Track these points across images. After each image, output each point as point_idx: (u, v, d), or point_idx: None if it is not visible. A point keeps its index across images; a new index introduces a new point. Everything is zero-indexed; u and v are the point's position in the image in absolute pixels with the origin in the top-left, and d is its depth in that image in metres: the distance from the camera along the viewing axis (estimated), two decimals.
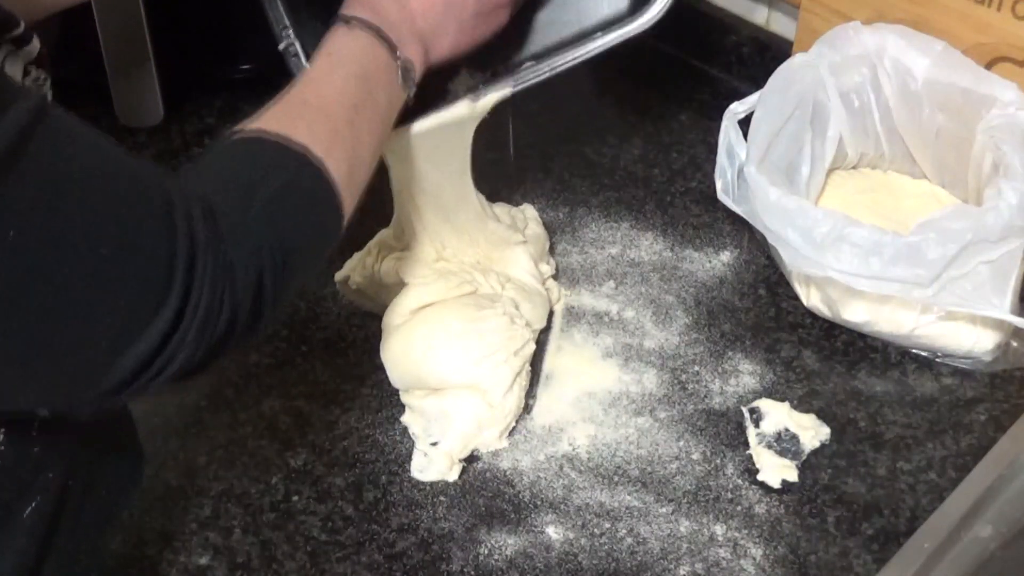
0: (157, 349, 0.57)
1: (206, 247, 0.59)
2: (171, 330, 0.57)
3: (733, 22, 1.24)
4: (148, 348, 0.57)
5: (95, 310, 0.55)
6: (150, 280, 0.56)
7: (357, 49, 0.78)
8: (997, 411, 0.91)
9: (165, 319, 0.57)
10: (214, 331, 0.60)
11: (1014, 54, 0.98)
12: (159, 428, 0.90)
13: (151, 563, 0.82)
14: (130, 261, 0.56)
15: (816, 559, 0.81)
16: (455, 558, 0.82)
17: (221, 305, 0.60)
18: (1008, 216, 0.86)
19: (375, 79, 0.77)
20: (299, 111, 0.71)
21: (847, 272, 0.89)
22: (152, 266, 0.56)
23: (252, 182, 0.65)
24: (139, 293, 0.56)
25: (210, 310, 0.59)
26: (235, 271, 0.60)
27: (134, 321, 0.56)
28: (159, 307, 0.57)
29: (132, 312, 0.56)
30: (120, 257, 0.55)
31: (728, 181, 1.02)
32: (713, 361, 0.96)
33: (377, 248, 0.98)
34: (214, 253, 0.59)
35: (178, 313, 0.57)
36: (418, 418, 0.90)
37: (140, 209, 0.57)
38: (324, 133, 0.70)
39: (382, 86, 0.78)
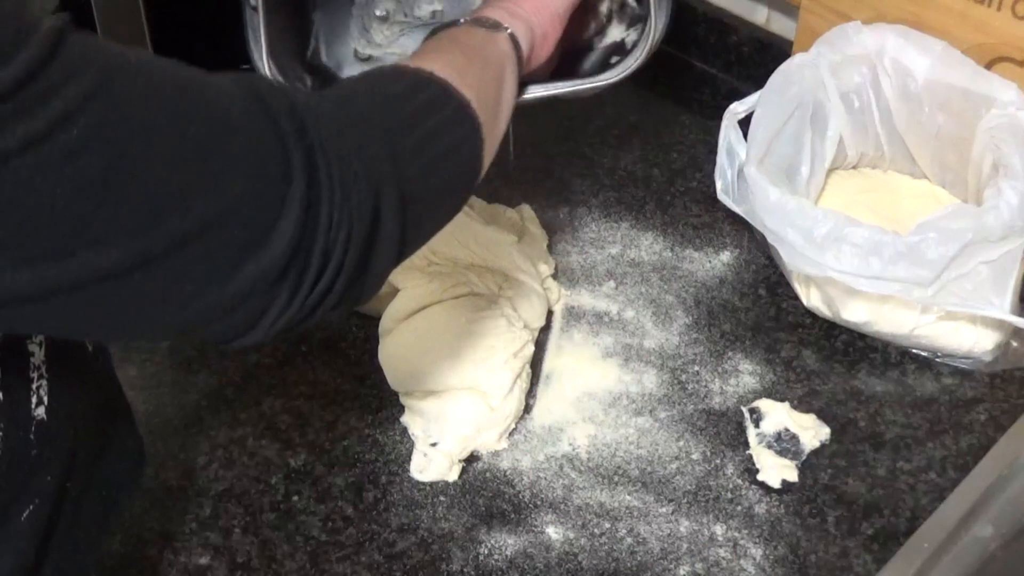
0: (302, 231, 0.54)
1: (319, 139, 0.55)
2: (308, 215, 0.54)
3: (733, 22, 1.24)
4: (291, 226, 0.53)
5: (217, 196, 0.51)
6: (265, 155, 0.53)
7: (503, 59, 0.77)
8: (997, 411, 0.92)
9: (298, 197, 0.53)
10: (360, 231, 0.56)
11: (1014, 54, 0.98)
12: (159, 428, 0.90)
13: (151, 563, 0.82)
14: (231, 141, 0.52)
15: (816, 559, 0.81)
16: (455, 558, 0.82)
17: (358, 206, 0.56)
18: (1008, 216, 0.86)
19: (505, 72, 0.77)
20: (477, 67, 0.70)
21: (847, 272, 0.89)
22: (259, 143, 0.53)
23: (401, 119, 0.62)
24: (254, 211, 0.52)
25: (346, 203, 0.55)
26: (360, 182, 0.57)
27: (266, 198, 0.53)
28: (286, 181, 0.53)
29: (261, 193, 0.52)
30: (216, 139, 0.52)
31: (728, 181, 1.02)
32: (713, 361, 0.96)
33: None
34: (333, 147, 0.56)
35: (309, 194, 0.54)
36: (417, 419, 0.90)
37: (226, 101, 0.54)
38: (486, 102, 0.69)
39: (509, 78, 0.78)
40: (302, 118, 0.56)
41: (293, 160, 0.54)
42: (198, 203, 0.51)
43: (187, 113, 0.52)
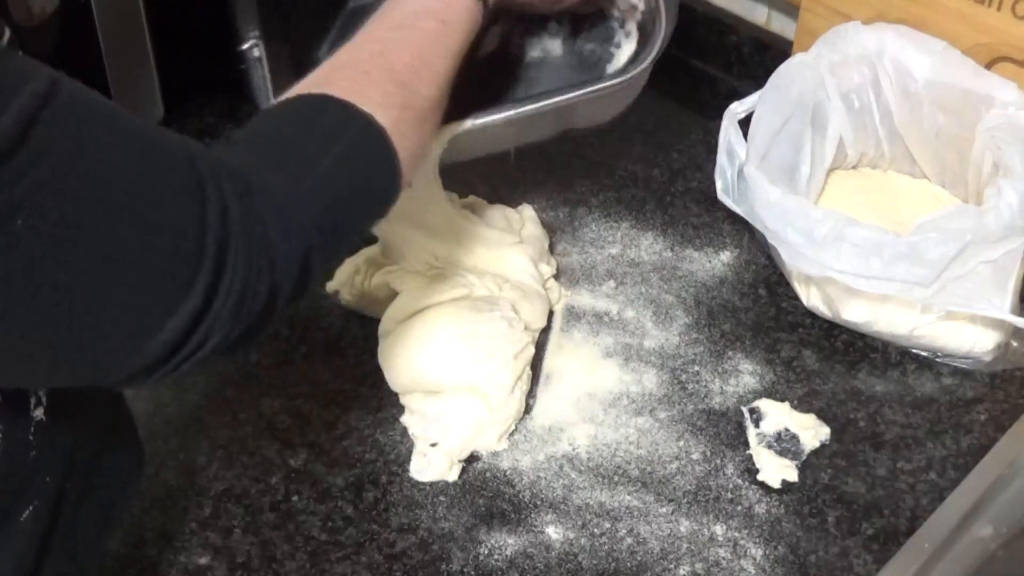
0: (188, 330, 0.55)
1: (241, 224, 0.56)
2: (202, 311, 0.55)
3: (733, 22, 1.24)
4: (178, 329, 0.55)
5: (119, 289, 0.53)
6: (177, 260, 0.54)
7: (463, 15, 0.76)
8: (997, 411, 0.92)
9: (195, 299, 0.55)
10: (251, 310, 0.58)
11: (1014, 54, 0.98)
12: (159, 428, 0.90)
13: (151, 563, 0.82)
14: (152, 240, 0.53)
15: (816, 559, 0.81)
16: (455, 558, 0.82)
17: (258, 284, 0.57)
18: (1008, 216, 0.86)
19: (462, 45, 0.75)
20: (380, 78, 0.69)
21: (847, 272, 0.89)
22: (179, 245, 0.54)
23: (311, 153, 0.62)
24: (164, 273, 0.54)
25: (245, 290, 0.57)
26: (275, 250, 0.58)
27: (162, 300, 0.54)
28: (189, 285, 0.54)
29: (157, 293, 0.54)
30: (141, 236, 0.53)
31: (728, 181, 1.02)
32: (713, 361, 0.96)
33: (366, 266, 0.98)
34: (249, 232, 0.57)
35: (209, 293, 0.55)
36: (418, 419, 0.90)
37: (163, 187, 0.54)
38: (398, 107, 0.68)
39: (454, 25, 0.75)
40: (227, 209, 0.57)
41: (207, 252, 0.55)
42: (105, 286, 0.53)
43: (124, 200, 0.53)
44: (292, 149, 0.63)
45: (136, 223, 0.53)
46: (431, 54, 0.73)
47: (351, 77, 0.68)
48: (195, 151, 0.57)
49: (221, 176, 0.57)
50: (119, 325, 0.54)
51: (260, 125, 0.65)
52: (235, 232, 0.56)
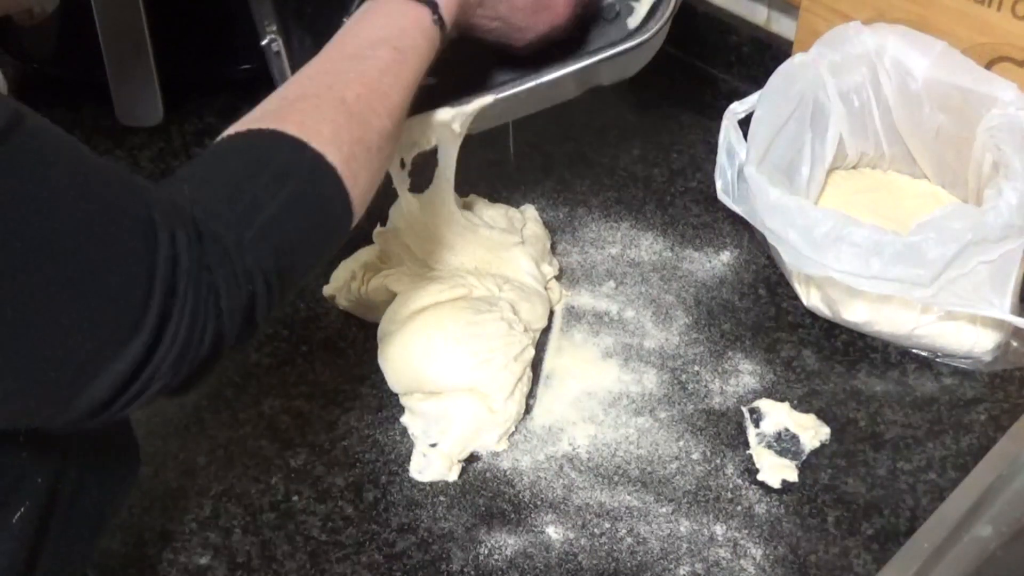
0: (132, 374, 0.55)
1: (188, 275, 0.56)
2: (146, 356, 0.55)
3: (733, 22, 1.24)
4: (122, 372, 0.55)
5: (63, 331, 0.53)
6: (124, 304, 0.54)
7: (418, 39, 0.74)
8: (997, 411, 0.92)
9: (139, 345, 0.55)
10: (196, 356, 0.58)
11: (1014, 54, 0.98)
12: (159, 428, 0.90)
13: (151, 563, 0.82)
14: (101, 285, 0.53)
15: (816, 559, 0.81)
16: (455, 558, 0.82)
17: (204, 333, 0.58)
18: (1008, 216, 0.86)
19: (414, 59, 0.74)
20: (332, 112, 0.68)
21: (847, 272, 0.89)
22: (126, 290, 0.54)
23: (259, 194, 0.62)
24: (110, 318, 0.54)
25: (190, 338, 0.57)
26: (221, 299, 0.58)
27: (106, 345, 0.54)
28: (132, 334, 0.54)
29: (104, 336, 0.54)
30: (90, 280, 0.53)
31: (728, 181, 1.02)
32: (713, 361, 0.96)
33: (362, 271, 0.98)
34: (196, 281, 0.57)
35: (153, 341, 0.55)
36: (418, 420, 0.90)
37: (116, 231, 0.54)
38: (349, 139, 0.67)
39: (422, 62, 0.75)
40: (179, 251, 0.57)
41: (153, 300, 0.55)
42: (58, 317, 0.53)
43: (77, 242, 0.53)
44: (241, 190, 0.62)
45: (85, 267, 0.53)
46: (385, 84, 0.71)
47: (303, 111, 0.67)
48: (151, 197, 0.57)
49: (175, 223, 0.57)
50: (62, 368, 0.54)
51: (211, 162, 0.65)
52: (183, 281, 0.56)
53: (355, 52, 0.73)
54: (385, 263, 0.98)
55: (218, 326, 0.58)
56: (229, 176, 0.63)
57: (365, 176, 0.68)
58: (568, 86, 0.92)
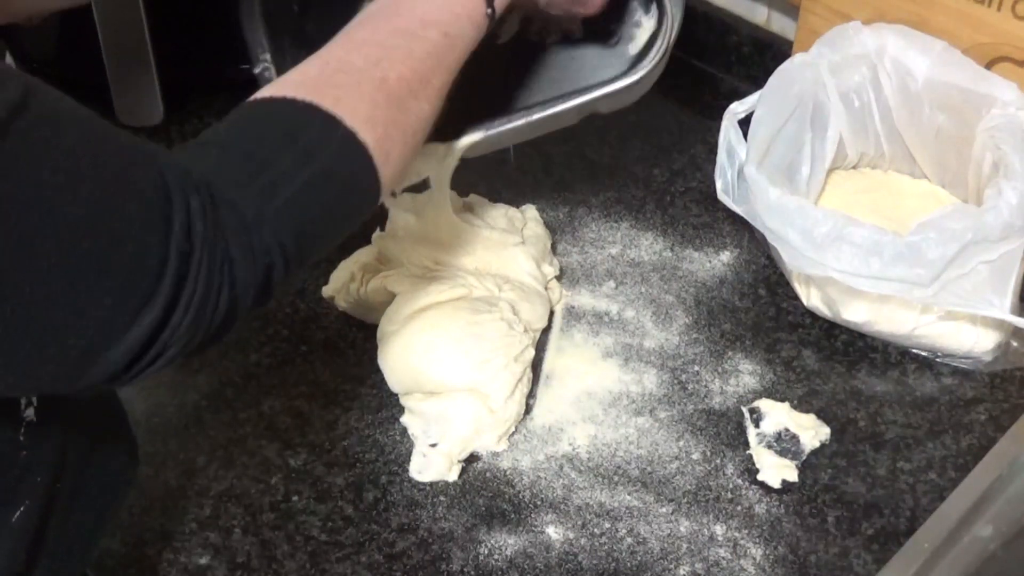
0: (148, 340, 0.56)
1: (203, 242, 0.56)
2: (162, 323, 0.56)
3: (733, 22, 1.24)
4: (138, 339, 0.55)
5: (78, 300, 0.53)
6: (138, 272, 0.55)
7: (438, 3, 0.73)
8: (997, 411, 0.92)
9: (155, 312, 0.55)
10: (211, 322, 0.58)
11: (1014, 54, 0.98)
12: (159, 428, 0.90)
13: (151, 563, 0.82)
14: (117, 252, 0.54)
15: (816, 559, 0.81)
16: (455, 558, 0.82)
17: (218, 299, 0.58)
18: (1008, 216, 0.86)
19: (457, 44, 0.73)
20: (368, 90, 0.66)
21: (847, 272, 0.89)
22: (141, 258, 0.55)
23: (284, 168, 0.61)
24: (126, 285, 0.54)
25: (204, 304, 0.57)
26: (236, 267, 0.58)
27: (121, 313, 0.54)
28: (148, 300, 0.55)
29: (118, 304, 0.54)
30: (106, 247, 0.53)
31: (728, 181, 1.02)
32: (713, 361, 0.96)
33: (361, 272, 0.98)
34: (211, 248, 0.57)
35: (169, 306, 0.56)
36: (417, 420, 0.90)
37: (130, 199, 0.55)
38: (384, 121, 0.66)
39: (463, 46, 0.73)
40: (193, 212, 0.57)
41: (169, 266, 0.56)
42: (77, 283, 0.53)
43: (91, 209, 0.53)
44: (267, 162, 0.62)
45: (101, 234, 0.53)
46: (429, 68, 0.71)
47: (342, 85, 0.66)
48: (165, 163, 0.57)
49: (188, 190, 0.57)
50: (79, 335, 0.54)
51: (241, 127, 0.64)
52: (197, 248, 0.56)
53: (406, 28, 0.71)
54: (384, 264, 0.98)
55: (232, 293, 0.59)
56: (256, 146, 0.63)
57: (398, 157, 0.67)
58: (565, 117, 0.92)
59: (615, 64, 0.92)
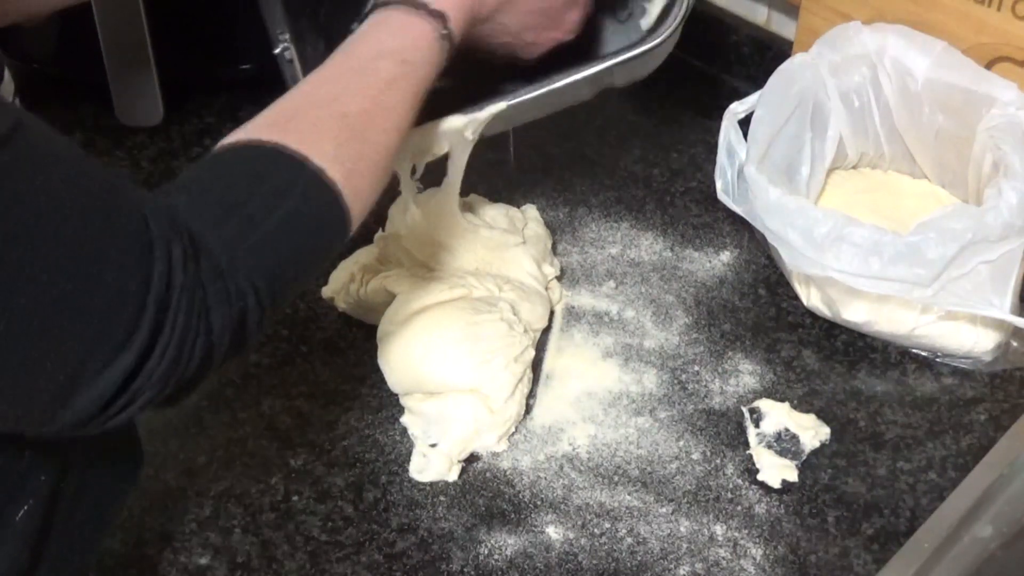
0: (119, 387, 0.55)
1: (181, 291, 0.56)
2: (135, 369, 0.55)
3: (733, 22, 1.24)
4: (110, 384, 0.55)
5: (53, 342, 0.53)
6: (115, 318, 0.54)
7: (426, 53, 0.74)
8: (997, 411, 0.92)
9: (129, 358, 0.55)
10: (185, 370, 0.58)
11: (1014, 54, 0.98)
12: (159, 428, 0.90)
13: (151, 563, 0.82)
14: (94, 296, 0.53)
15: (816, 559, 0.81)
16: (455, 558, 0.82)
17: (194, 347, 0.58)
18: (1008, 216, 0.86)
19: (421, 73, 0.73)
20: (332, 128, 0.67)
21: (847, 272, 0.89)
22: (119, 304, 0.54)
23: (255, 211, 0.62)
24: (102, 330, 0.54)
25: (180, 352, 0.57)
26: (212, 315, 0.58)
27: (94, 357, 0.54)
28: (123, 346, 0.55)
29: (93, 348, 0.54)
30: (83, 291, 0.53)
31: (728, 181, 1.02)
32: (713, 361, 0.96)
33: (361, 273, 0.97)
34: (189, 297, 0.57)
35: (144, 353, 0.55)
36: (417, 420, 0.90)
37: (112, 245, 0.54)
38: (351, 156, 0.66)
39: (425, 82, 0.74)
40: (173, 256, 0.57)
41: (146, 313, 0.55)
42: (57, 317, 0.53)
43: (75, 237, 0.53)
44: (237, 205, 0.62)
45: (80, 277, 0.53)
46: (389, 99, 0.71)
47: (304, 126, 0.67)
48: (150, 209, 0.57)
49: (172, 238, 0.57)
50: (51, 378, 0.54)
51: (210, 173, 0.64)
52: (176, 296, 0.56)
53: (360, 65, 0.72)
54: (384, 265, 0.98)
55: (208, 341, 0.59)
56: (227, 190, 0.63)
57: (366, 191, 0.68)
58: (581, 90, 0.92)
59: (629, 37, 0.92)
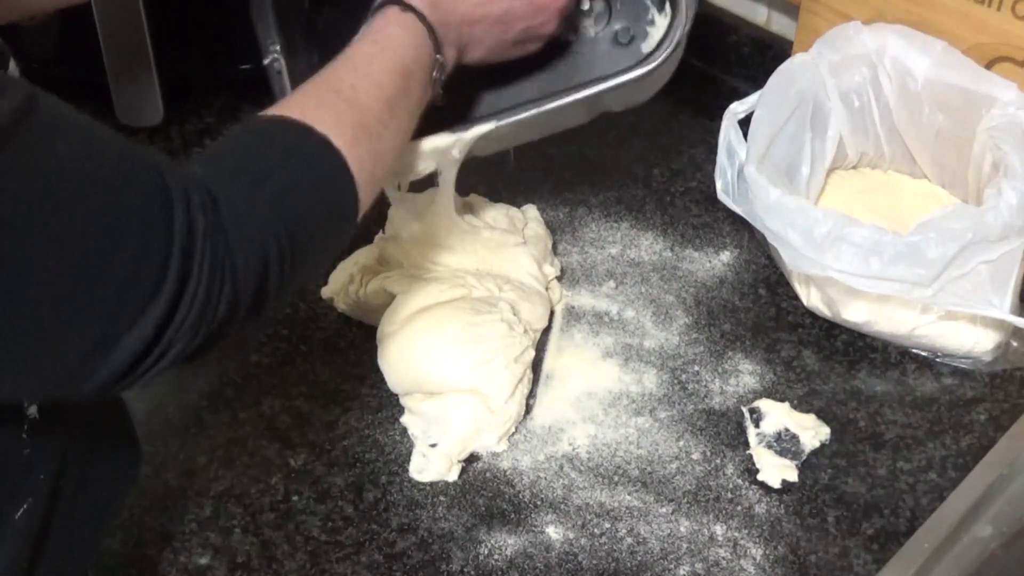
0: (152, 339, 0.56)
1: (204, 236, 0.57)
2: (166, 320, 0.56)
3: (733, 22, 1.24)
4: (142, 338, 0.56)
5: (84, 301, 0.54)
6: (143, 270, 0.55)
7: (404, 40, 0.77)
8: (997, 411, 0.92)
9: (159, 309, 0.56)
10: (213, 319, 0.59)
11: (1014, 54, 0.98)
12: (159, 428, 0.90)
13: (151, 563, 0.82)
14: (121, 251, 0.54)
15: (816, 559, 0.81)
16: (455, 558, 0.82)
17: (220, 294, 0.59)
18: (1008, 216, 0.86)
19: (414, 76, 0.77)
20: (329, 99, 0.70)
21: (847, 272, 0.89)
22: (145, 256, 0.55)
23: (268, 166, 0.64)
24: (131, 283, 0.55)
25: (208, 299, 0.58)
26: (236, 259, 0.59)
27: (126, 312, 0.55)
28: (153, 297, 0.55)
29: (123, 303, 0.55)
30: (110, 248, 0.54)
31: (728, 181, 1.02)
32: (713, 361, 0.96)
33: (360, 274, 0.97)
34: (213, 242, 0.58)
35: (173, 303, 0.56)
36: (417, 420, 0.90)
37: (132, 199, 0.55)
38: (350, 124, 0.69)
39: (418, 84, 0.78)
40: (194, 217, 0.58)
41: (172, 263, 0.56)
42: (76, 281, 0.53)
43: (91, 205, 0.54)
44: (250, 161, 0.64)
45: (104, 234, 0.54)
46: (375, 73, 0.74)
47: (303, 103, 0.70)
48: (165, 165, 0.58)
49: (189, 189, 0.58)
50: (85, 335, 0.54)
51: (220, 144, 0.67)
52: (199, 243, 0.57)
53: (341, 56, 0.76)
54: (383, 266, 0.98)
55: (234, 287, 0.59)
56: (239, 152, 0.65)
57: (368, 160, 0.70)
58: (576, 113, 0.92)
59: (628, 62, 0.92)
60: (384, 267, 0.98)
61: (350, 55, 0.75)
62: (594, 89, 0.90)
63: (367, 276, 0.97)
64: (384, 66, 0.75)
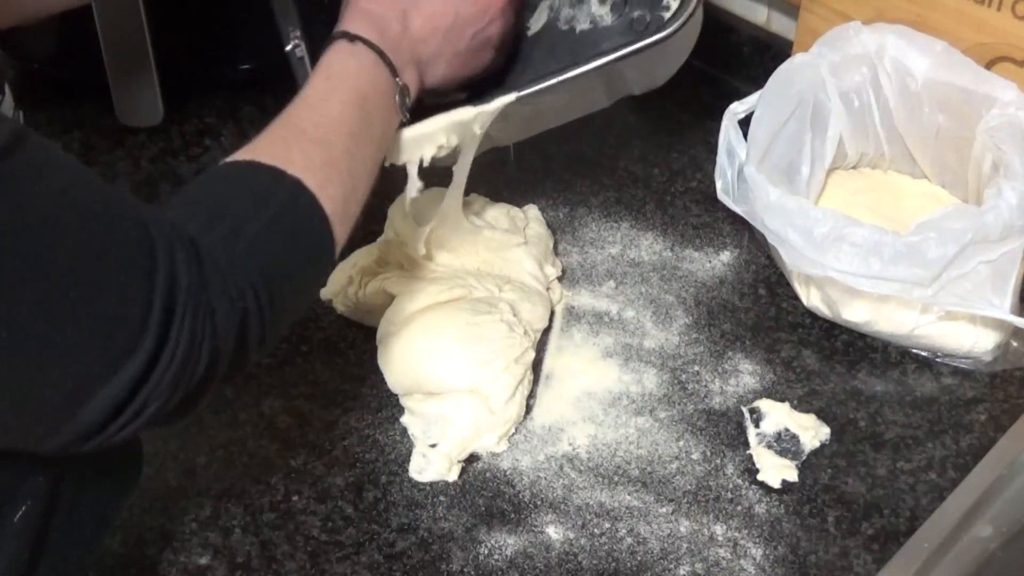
0: (126, 398, 0.55)
1: (187, 294, 0.56)
2: (143, 376, 0.55)
3: (733, 22, 1.24)
4: (116, 395, 0.55)
5: (57, 351, 0.53)
6: (122, 322, 0.54)
7: (358, 70, 0.77)
8: (997, 411, 0.92)
9: (137, 365, 0.55)
10: (192, 378, 0.58)
11: (1014, 54, 0.98)
12: (159, 428, 0.90)
13: (151, 563, 0.82)
14: (99, 300, 0.53)
15: (816, 559, 0.81)
16: (455, 558, 0.82)
17: (200, 352, 0.58)
18: (1008, 216, 0.86)
19: (374, 103, 0.77)
20: (295, 139, 0.70)
21: (847, 272, 0.89)
22: (124, 308, 0.54)
23: (243, 214, 0.63)
24: (108, 335, 0.54)
25: (187, 358, 0.57)
26: (216, 317, 0.58)
27: (102, 363, 0.54)
28: (131, 352, 0.54)
29: (100, 353, 0.54)
30: (88, 295, 0.53)
31: (728, 181, 1.02)
32: (713, 361, 0.96)
33: (359, 275, 0.97)
34: (195, 301, 0.57)
35: (152, 359, 0.55)
36: (417, 420, 0.90)
37: (114, 249, 0.54)
38: (320, 163, 0.69)
39: (380, 110, 0.77)
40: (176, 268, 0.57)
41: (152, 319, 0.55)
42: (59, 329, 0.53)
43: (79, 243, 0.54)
44: (226, 211, 0.64)
45: (82, 286, 0.53)
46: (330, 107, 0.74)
47: (272, 145, 0.70)
48: (150, 217, 0.58)
49: (174, 243, 0.57)
50: (56, 388, 0.53)
51: (195, 189, 0.66)
52: (181, 301, 0.56)
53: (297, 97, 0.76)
54: (382, 267, 0.98)
55: (213, 345, 0.59)
56: (214, 199, 0.65)
57: (340, 197, 0.70)
58: (597, 91, 0.91)
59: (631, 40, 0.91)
60: (383, 268, 0.98)
61: (306, 95, 0.75)
62: (613, 55, 0.88)
63: (366, 277, 0.97)
64: (341, 98, 0.75)
